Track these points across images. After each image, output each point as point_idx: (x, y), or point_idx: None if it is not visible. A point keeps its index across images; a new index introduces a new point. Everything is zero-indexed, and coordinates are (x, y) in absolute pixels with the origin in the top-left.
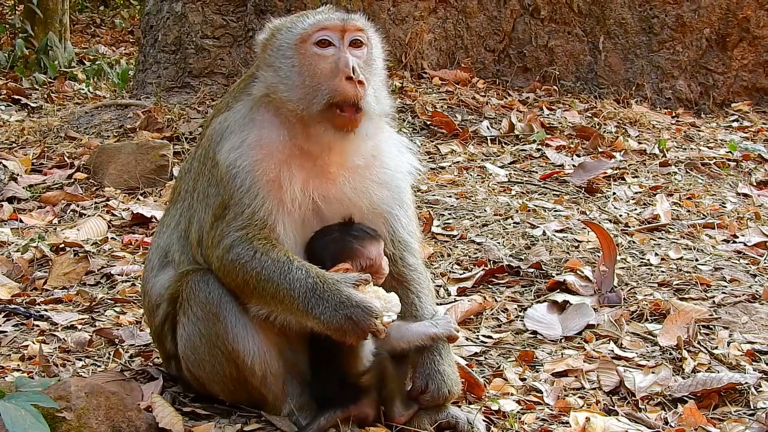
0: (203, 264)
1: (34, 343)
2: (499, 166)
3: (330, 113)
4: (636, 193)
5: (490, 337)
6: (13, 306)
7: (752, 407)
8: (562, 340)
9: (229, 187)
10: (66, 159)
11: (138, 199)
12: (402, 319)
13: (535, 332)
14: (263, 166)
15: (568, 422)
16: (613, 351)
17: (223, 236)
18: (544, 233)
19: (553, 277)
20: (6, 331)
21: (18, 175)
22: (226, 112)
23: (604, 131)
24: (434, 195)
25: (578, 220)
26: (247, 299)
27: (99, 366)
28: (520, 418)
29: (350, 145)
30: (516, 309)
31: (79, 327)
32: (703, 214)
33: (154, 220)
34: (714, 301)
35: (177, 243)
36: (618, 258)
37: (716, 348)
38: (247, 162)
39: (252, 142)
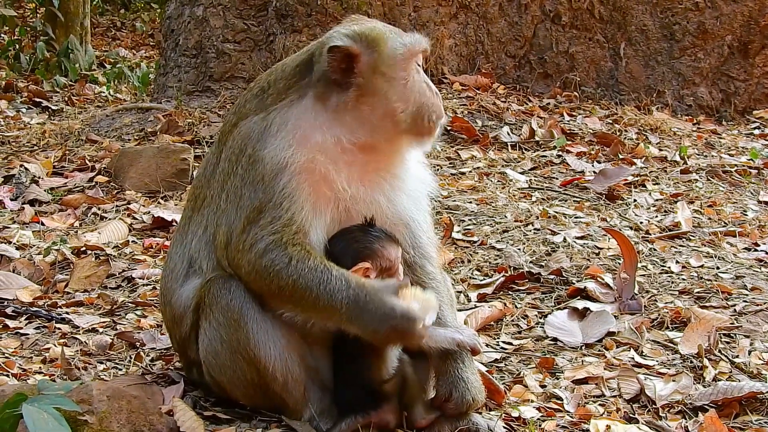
0: (227, 268)
1: (55, 345)
2: (520, 172)
3: (424, 126)
4: (657, 200)
5: (510, 343)
6: (34, 309)
7: None
8: (583, 348)
9: (271, 187)
10: (87, 162)
11: (159, 202)
12: None
13: (555, 339)
14: (312, 165)
15: (588, 430)
16: (633, 359)
17: (255, 240)
18: (564, 240)
19: (574, 284)
20: (28, 334)
21: (39, 177)
22: (263, 113)
23: (625, 138)
24: (455, 201)
25: (599, 227)
26: (281, 305)
27: (120, 369)
28: (540, 425)
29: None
30: (536, 316)
31: (101, 330)
32: (725, 222)
33: (174, 223)
34: (735, 309)
35: (205, 250)
36: (639, 265)
37: (737, 356)
38: (298, 161)
39: (304, 141)
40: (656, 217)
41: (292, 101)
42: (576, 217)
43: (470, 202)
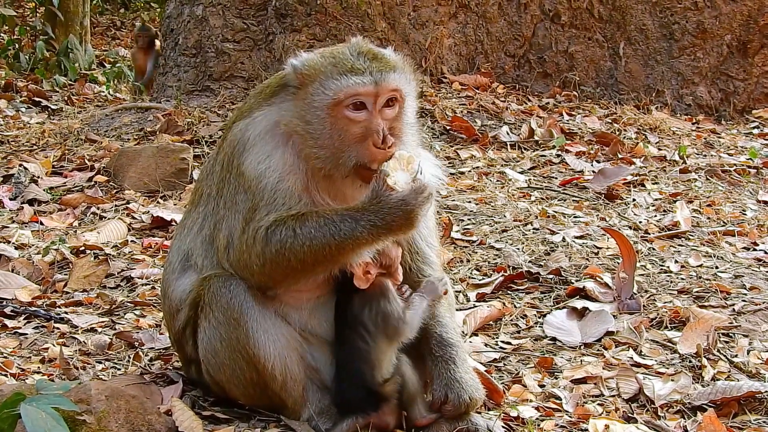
0: (228, 269)
1: (54, 345)
2: (519, 172)
3: (356, 171)
4: (656, 199)
5: (509, 343)
6: (33, 308)
7: None
8: (582, 347)
9: (260, 192)
10: (86, 162)
11: (158, 202)
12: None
13: (554, 339)
14: (291, 177)
15: (587, 429)
16: (632, 358)
17: (256, 231)
18: (563, 239)
19: (573, 283)
20: (27, 334)
21: (39, 177)
22: (247, 119)
23: (624, 137)
24: (454, 200)
25: (598, 226)
26: (313, 273)
27: (119, 369)
28: (539, 425)
29: None
30: (535, 315)
31: (99, 330)
32: (723, 222)
33: (173, 223)
34: (734, 308)
35: (201, 247)
36: (638, 265)
37: (736, 356)
38: (277, 174)
39: (277, 158)
40: (655, 216)
41: (273, 117)
42: (575, 217)
43: (469, 202)
